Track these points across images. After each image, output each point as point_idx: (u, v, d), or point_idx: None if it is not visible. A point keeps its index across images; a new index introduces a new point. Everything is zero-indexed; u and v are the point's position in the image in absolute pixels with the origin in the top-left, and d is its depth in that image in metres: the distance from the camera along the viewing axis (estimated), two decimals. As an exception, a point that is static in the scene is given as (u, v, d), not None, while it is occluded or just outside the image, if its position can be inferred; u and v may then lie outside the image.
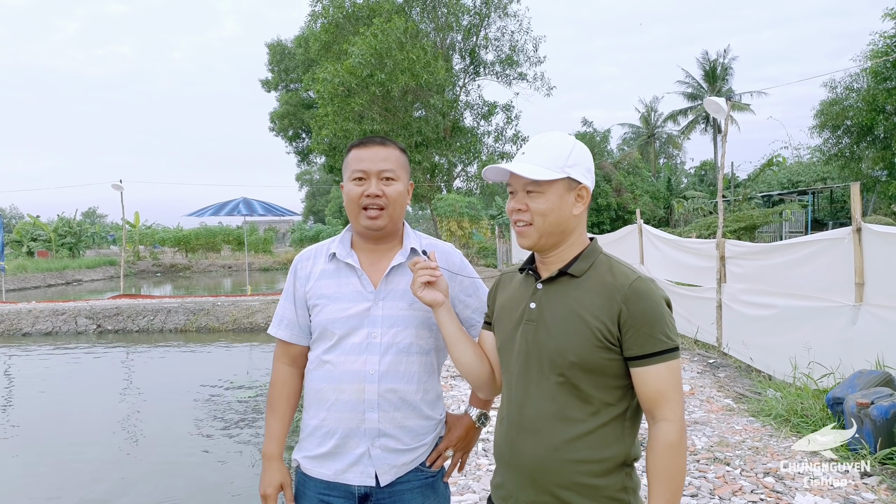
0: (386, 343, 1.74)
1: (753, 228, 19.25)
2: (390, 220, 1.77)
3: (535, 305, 1.53)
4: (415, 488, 1.78)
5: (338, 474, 1.75)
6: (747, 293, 6.92)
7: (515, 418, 1.53)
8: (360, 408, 1.72)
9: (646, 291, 1.43)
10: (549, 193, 1.49)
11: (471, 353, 1.67)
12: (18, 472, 5.68)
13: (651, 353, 1.41)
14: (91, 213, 64.02)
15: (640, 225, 10.51)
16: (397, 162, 1.79)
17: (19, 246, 32.99)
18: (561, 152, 1.50)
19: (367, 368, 1.72)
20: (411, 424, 1.77)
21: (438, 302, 1.65)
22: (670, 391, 1.41)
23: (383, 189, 1.74)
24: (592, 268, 1.51)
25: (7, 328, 13.08)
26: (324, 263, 1.83)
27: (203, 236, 39.10)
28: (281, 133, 34.62)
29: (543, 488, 1.47)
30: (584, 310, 1.45)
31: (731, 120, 35.81)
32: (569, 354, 1.44)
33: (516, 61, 23.64)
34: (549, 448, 1.46)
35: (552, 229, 1.50)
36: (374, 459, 1.73)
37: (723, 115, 7.36)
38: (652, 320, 1.41)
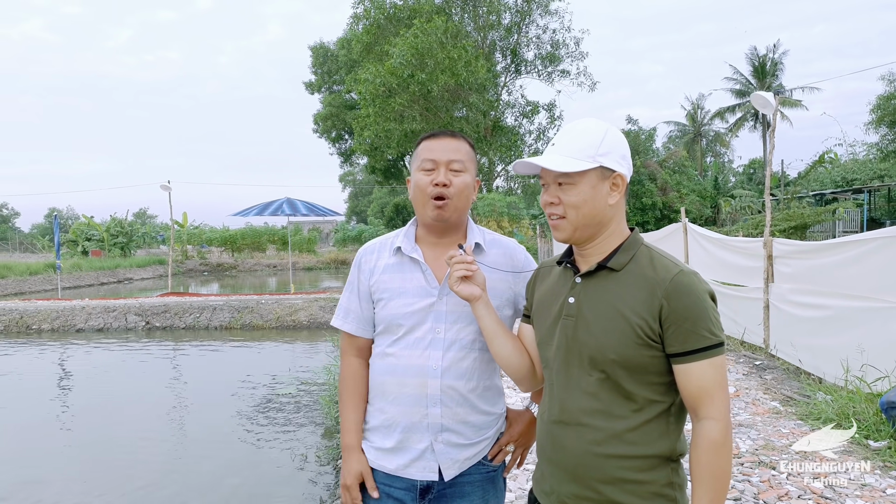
0: (450, 339, 1.74)
1: (805, 228, 18.65)
2: (455, 212, 1.76)
3: (574, 300, 1.49)
4: (476, 482, 1.79)
5: (400, 468, 1.76)
6: (796, 293, 6.70)
7: (557, 414, 1.50)
8: (422, 402, 1.72)
9: (688, 285, 1.37)
10: (580, 185, 1.44)
11: (510, 347, 1.65)
12: (70, 461, 5.87)
13: (694, 350, 1.35)
14: (142, 214, 65.99)
15: (685, 223, 10.29)
16: (467, 154, 1.79)
17: (75, 245, 34.21)
18: (592, 140, 1.44)
19: (429, 363, 1.72)
20: (473, 419, 1.77)
21: (475, 296, 1.63)
22: (714, 388, 1.35)
23: (451, 179, 1.74)
24: (633, 261, 1.45)
25: (62, 324, 13.56)
26: (388, 257, 1.83)
27: (249, 236, 39.89)
28: (324, 134, 35.11)
29: (586, 484, 1.44)
30: (624, 306, 1.40)
31: (782, 116, 34.85)
32: (609, 352, 1.40)
33: (559, 57, 23.45)
34: (592, 443, 1.43)
35: (587, 221, 1.45)
36: (438, 454, 1.74)
37: (771, 110, 7.13)
38: (695, 316, 1.35)
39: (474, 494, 1.77)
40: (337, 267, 35.47)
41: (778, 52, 40.86)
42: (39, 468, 5.62)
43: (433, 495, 1.75)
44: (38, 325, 13.56)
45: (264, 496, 4.98)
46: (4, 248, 50.61)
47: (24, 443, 6.40)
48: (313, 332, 12.80)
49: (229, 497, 4.98)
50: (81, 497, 4.96)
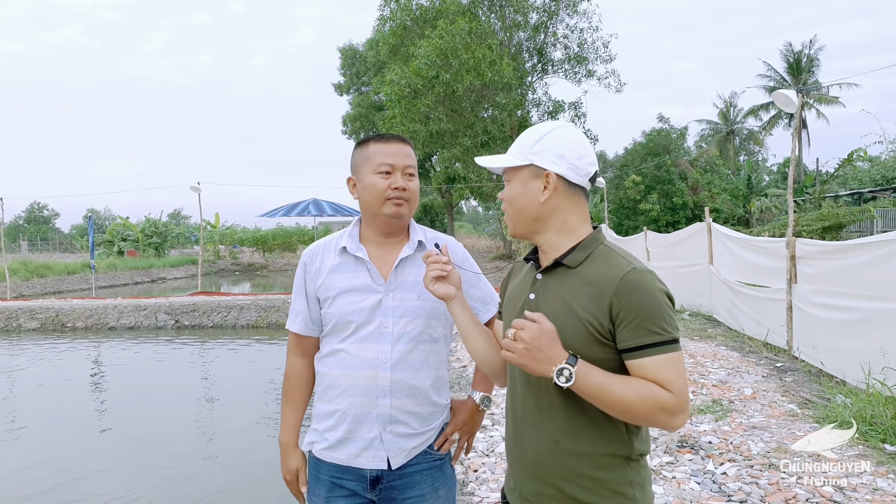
0: (397, 332, 1.81)
1: (839, 227, 18.19)
2: (409, 212, 1.86)
3: (535, 296, 1.51)
4: (424, 470, 1.85)
5: (350, 458, 1.82)
6: (820, 294, 6.57)
7: (518, 412, 1.53)
8: (373, 394, 1.79)
9: (639, 282, 1.36)
10: (514, 181, 1.52)
11: (483, 343, 1.67)
12: (104, 455, 6.04)
13: (646, 345, 1.33)
14: (176, 215, 67.31)
15: (709, 223, 10.14)
16: (414, 160, 1.91)
17: (111, 246, 35.10)
18: (529, 140, 1.50)
19: (379, 357, 1.79)
20: (420, 410, 1.84)
21: (450, 295, 1.66)
22: (673, 378, 1.32)
23: (407, 184, 1.84)
24: (588, 259, 1.45)
25: (95, 322, 13.94)
26: (333, 258, 1.89)
27: (279, 236, 40.42)
28: (353, 135, 35.38)
29: (546, 481, 1.45)
30: (576, 303, 1.41)
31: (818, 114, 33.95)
32: None
33: (585, 58, 23.28)
34: (550, 441, 1.44)
35: (520, 217, 1.51)
36: (386, 444, 1.80)
37: (793, 109, 7.00)
38: (646, 312, 1.33)
39: (423, 483, 1.84)
40: (365, 267, 35.61)
41: (814, 48, 39.91)
42: (74, 461, 5.79)
43: (383, 485, 1.82)
44: (72, 323, 13.95)
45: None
46: (45, 248, 52.10)
47: (60, 437, 6.59)
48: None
49: (258, 490, 5.07)
50: (115, 489, 5.08)
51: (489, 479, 3.96)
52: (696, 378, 6.17)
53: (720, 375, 6.27)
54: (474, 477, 4.02)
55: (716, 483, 3.73)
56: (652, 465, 4.07)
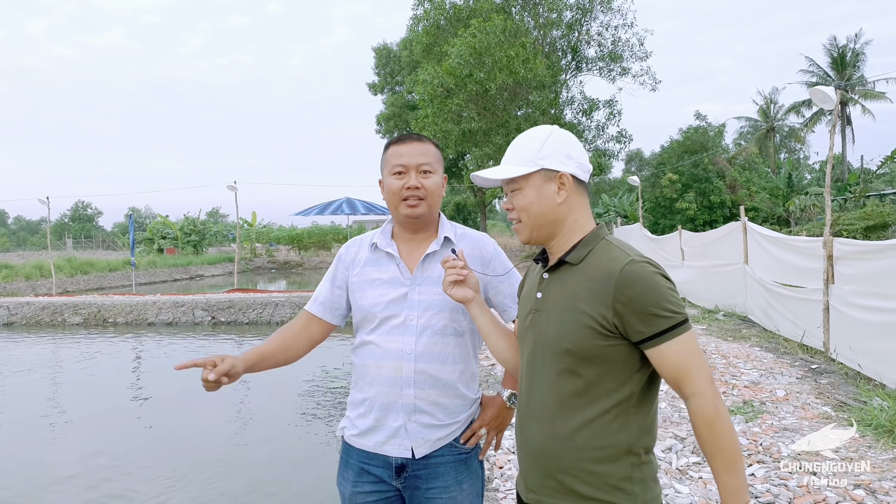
0: (421, 325, 1.86)
1: (885, 227, 17.65)
2: (428, 210, 1.90)
3: (541, 295, 1.55)
4: (448, 463, 1.88)
5: (377, 446, 1.88)
6: (858, 295, 6.41)
7: (524, 406, 1.57)
8: (398, 384, 1.85)
9: (638, 273, 1.39)
10: (526, 188, 1.53)
11: (504, 342, 1.72)
12: (143, 448, 6.22)
13: (659, 332, 1.37)
14: (214, 213, 68.61)
15: (745, 222, 9.97)
16: (433, 156, 1.92)
17: (151, 243, 35.91)
18: (532, 146, 1.53)
19: (404, 348, 1.85)
20: (445, 402, 1.88)
21: (468, 299, 1.73)
22: (690, 364, 1.37)
23: (422, 181, 1.87)
24: (591, 254, 1.49)
25: (135, 318, 14.31)
26: (366, 252, 1.98)
27: (315, 235, 40.88)
28: (387, 134, 35.59)
29: (548, 473, 1.49)
30: (578, 298, 1.45)
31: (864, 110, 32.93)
32: (565, 342, 1.45)
33: (620, 56, 23.03)
34: (551, 435, 1.48)
35: (539, 221, 1.53)
36: (410, 433, 1.85)
37: (831, 106, 6.84)
38: (650, 300, 1.37)
39: (447, 475, 1.87)
40: (398, 265, 35.85)
41: (859, 42, 38.75)
42: (114, 454, 5.96)
43: (408, 473, 1.86)
44: (113, 319, 14.35)
45: (326, 481, 5.16)
46: (89, 246, 53.60)
47: (101, 429, 6.82)
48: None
49: (293, 489, 5.17)
50: (154, 482, 5.21)
51: (514, 475, 3.98)
52: (728, 378, 6.09)
53: (752, 377, 6.18)
54: (499, 473, 4.05)
55: (743, 484, 3.68)
56: (678, 464, 4.04)
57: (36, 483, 5.24)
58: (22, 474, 5.43)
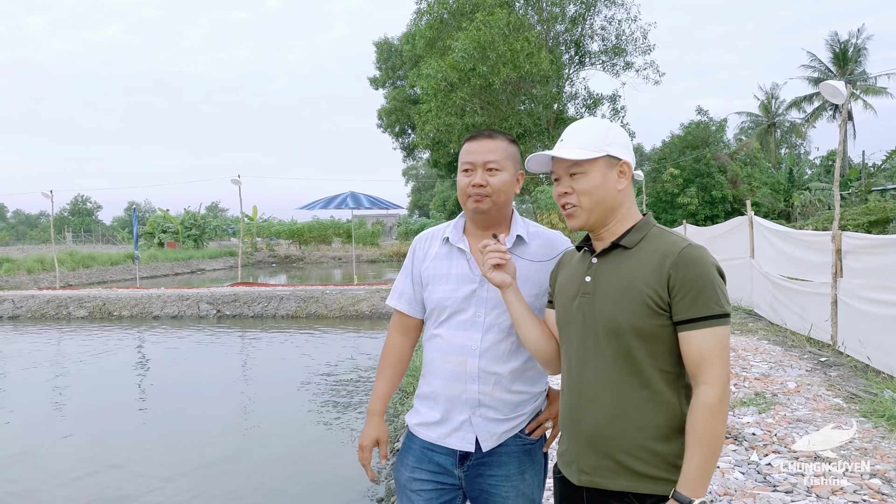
0: (489, 323, 1.87)
1: (886, 222, 17.71)
2: (494, 206, 1.89)
3: (591, 279, 1.59)
4: (512, 453, 1.89)
5: (441, 438, 1.91)
6: (867, 289, 6.45)
7: (576, 387, 1.59)
8: (462, 378, 1.87)
9: (696, 257, 1.45)
10: (591, 173, 1.56)
11: (537, 331, 1.75)
12: (145, 441, 6.26)
13: (697, 318, 1.43)
14: (214, 208, 68.59)
15: (751, 217, 10.01)
16: (503, 153, 1.89)
17: (151, 237, 35.93)
18: (598, 133, 1.57)
19: (470, 344, 1.87)
20: (509, 398, 1.88)
21: (506, 283, 1.73)
22: (713, 356, 1.42)
23: (488, 179, 1.86)
24: (645, 239, 1.55)
25: (140, 311, 14.35)
26: (438, 246, 1.99)
27: (315, 229, 40.88)
28: (387, 129, 35.57)
29: (604, 453, 1.52)
30: (636, 278, 1.50)
31: (865, 105, 32.90)
32: (621, 322, 1.49)
33: (624, 50, 23.03)
34: (608, 415, 1.51)
35: (599, 206, 1.56)
36: (476, 427, 1.87)
37: (841, 100, 6.87)
38: (700, 286, 1.43)
39: (510, 465, 1.88)
40: (399, 259, 35.89)
41: (861, 38, 38.70)
42: (116, 447, 6.00)
43: (471, 462, 1.88)
44: (118, 312, 14.39)
45: (318, 476, 5.20)
46: (89, 240, 53.59)
47: (104, 423, 6.84)
48: (375, 322, 13.10)
49: (286, 477, 5.21)
50: (156, 476, 5.22)
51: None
52: (738, 371, 6.13)
53: (762, 369, 6.22)
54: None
55: (760, 473, 3.73)
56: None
57: (40, 480, 5.18)
58: (25, 471, 5.40)
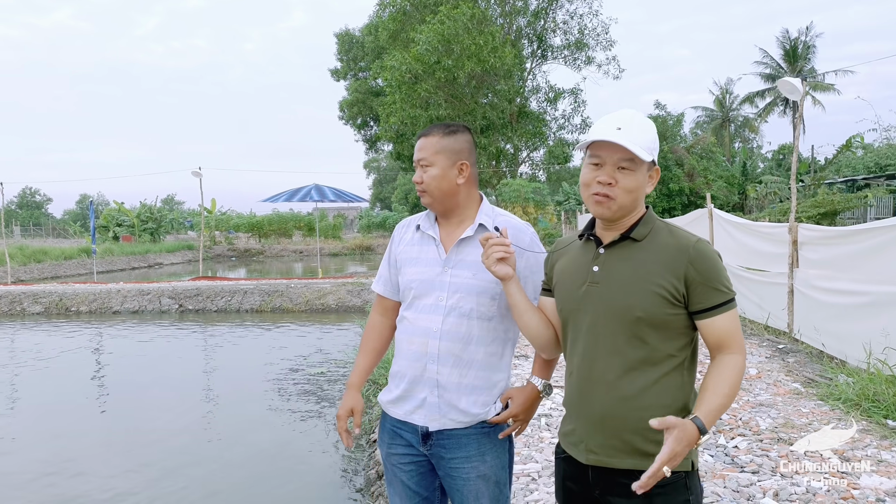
0: (450, 306, 1.96)
1: (834, 214, 18.41)
2: (433, 200, 2.01)
3: (599, 268, 1.67)
4: (471, 434, 1.97)
5: (406, 414, 2.02)
6: (821, 279, 6.74)
7: (586, 372, 1.67)
8: (423, 359, 1.98)
9: (707, 251, 1.59)
10: (638, 172, 1.63)
11: (537, 320, 1.82)
12: (101, 442, 6.16)
13: (717, 305, 1.57)
14: (170, 200, 67.08)
15: (711, 209, 10.30)
16: (432, 149, 1.99)
17: (106, 231, 34.94)
18: (653, 136, 1.65)
19: (431, 326, 1.97)
20: (467, 381, 1.96)
21: (509, 276, 1.79)
22: (734, 332, 1.58)
23: (422, 175, 2.00)
24: (652, 232, 1.65)
25: (99, 306, 14.02)
26: (412, 232, 2.12)
27: (275, 222, 40.36)
28: (349, 121, 35.29)
29: (613, 433, 1.61)
30: (649, 270, 1.60)
31: (814, 101, 34.00)
32: (636, 310, 1.58)
33: (586, 45, 23.31)
34: (619, 398, 1.60)
35: (630, 203, 1.64)
36: (430, 406, 1.98)
37: (798, 96, 7.13)
38: (715, 276, 1.57)
39: (469, 446, 1.96)
40: (362, 253, 35.79)
41: (810, 35, 39.99)
42: (71, 448, 5.80)
43: (433, 441, 1.98)
44: (76, 307, 14.04)
45: (298, 472, 5.21)
46: (38, 234, 51.88)
47: (58, 422, 6.57)
48: (342, 316, 13.08)
49: (261, 473, 5.20)
50: (112, 476, 5.04)
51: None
52: (702, 359, 6.35)
53: (724, 357, 6.45)
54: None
55: (728, 456, 3.90)
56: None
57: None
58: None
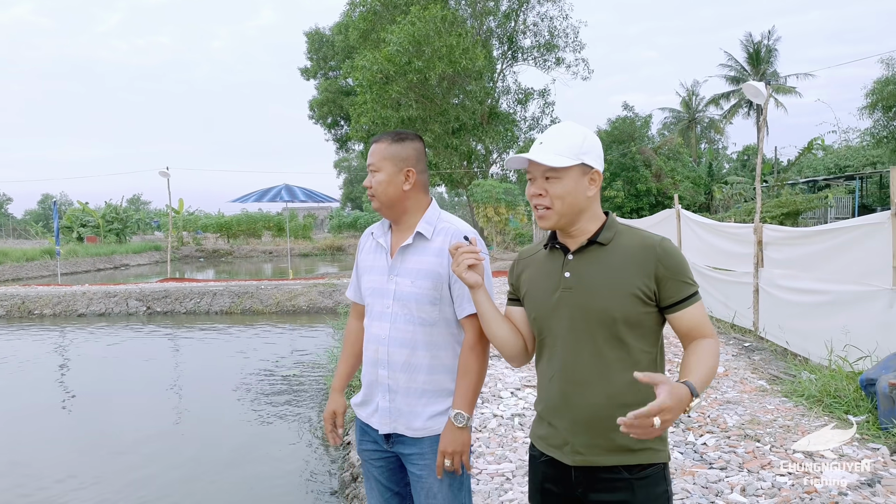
0: (395, 313, 2.03)
1: (797, 214, 18.89)
2: (381, 205, 2.06)
3: (570, 274, 1.71)
4: (426, 437, 2.02)
5: (367, 417, 2.13)
6: (785, 278, 6.92)
7: (568, 374, 1.70)
8: (376, 365, 2.07)
9: (672, 248, 1.67)
10: (565, 179, 1.67)
11: (505, 328, 1.85)
12: (69, 448, 6.04)
13: (686, 298, 1.65)
14: (136, 200, 65.79)
15: (678, 210, 10.49)
16: (380, 155, 2.04)
17: (69, 231, 34.17)
18: (576, 141, 1.68)
19: (381, 333, 2.05)
20: (417, 386, 2.02)
21: (478, 283, 1.82)
22: (703, 320, 1.67)
23: (370, 181, 2.06)
24: (617, 235, 1.71)
25: (64, 309, 13.72)
26: (371, 240, 2.18)
27: (244, 223, 39.91)
28: (320, 120, 35.03)
29: (598, 433, 1.66)
30: (621, 272, 1.65)
31: (777, 103, 34.81)
32: (614, 312, 1.64)
33: (556, 46, 23.49)
34: (603, 396, 1.66)
35: (570, 210, 1.69)
36: (381, 410, 2.06)
37: (762, 100, 7.31)
38: (682, 271, 1.65)
39: (423, 444, 2.02)
40: (333, 253, 35.59)
41: (772, 39, 40.90)
42: (37, 455, 5.68)
43: (394, 440, 2.07)
44: (39, 310, 13.72)
45: (271, 476, 5.18)
46: (-2, 235, 50.50)
47: (23, 429, 6.41)
48: (313, 317, 13.00)
49: (237, 477, 5.15)
50: (81, 484, 4.92)
51: (485, 452, 4.16)
52: (671, 357, 6.47)
53: (693, 355, 6.58)
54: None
55: (697, 452, 4.00)
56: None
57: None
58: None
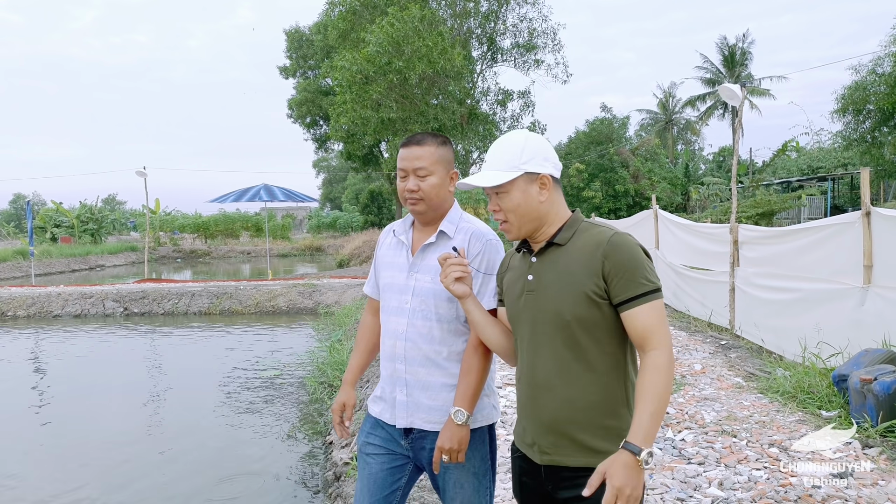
0: (413, 308, 2.05)
1: (771, 214, 19.21)
2: (428, 208, 2.06)
3: (533, 277, 1.73)
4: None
5: (380, 413, 2.13)
6: (760, 277, 7.05)
7: (531, 377, 1.74)
8: (394, 359, 2.08)
9: (622, 242, 1.60)
10: (512, 192, 1.69)
11: (497, 332, 1.89)
12: (47, 451, 5.97)
13: (635, 296, 1.58)
14: (111, 200, 64.87)
15: (656, 210, 10.63)
16: (430, 158, 2.03)
17: (43, 232, 33.61)
18: (514, 152, 1.69)
19: (399, 328, 2.06)
20: (434, 380, 2.04)
21: (466, 294, 1.87)
22: (656, 325, 1.57)
23: (419, 184, 2.02)
24: (576, 234, 1.70)
25: (38, 310, 13.52)
26: (391, 237, 2.21)
27: (222, 223, 39.60)
28: (298, 120, 34.78)
29: (562, 433, 1.67)
30: (573, 272, 1.64)
31: (751, 105, 35.35)
32: (565, 314, 1.63)
33: (535, 46, 23.61)
34: (563, 399, 1.67)
35: (526, 219, 1.71)
36: (399, 405, 2.06)
37: (737, 102, 7.44)
38: (632, 267, 1.58)
39: None
40: (312, 253, 35.45)
41: (747, 42, 41.54)
42: (14, 459, 5.58)
43: (414, 435, 2.06)
44: (13, 312, 13.49)
45: (253, 476, 5.17)
46: (-31, 235, 49.46)
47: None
48: (293, 317, 12.95)
49: (218, 478, 5.10)
50: (59, 489, 4.85)
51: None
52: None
53: (671, 353, 6.68)
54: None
55: (676, 448, 4.07)
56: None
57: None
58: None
